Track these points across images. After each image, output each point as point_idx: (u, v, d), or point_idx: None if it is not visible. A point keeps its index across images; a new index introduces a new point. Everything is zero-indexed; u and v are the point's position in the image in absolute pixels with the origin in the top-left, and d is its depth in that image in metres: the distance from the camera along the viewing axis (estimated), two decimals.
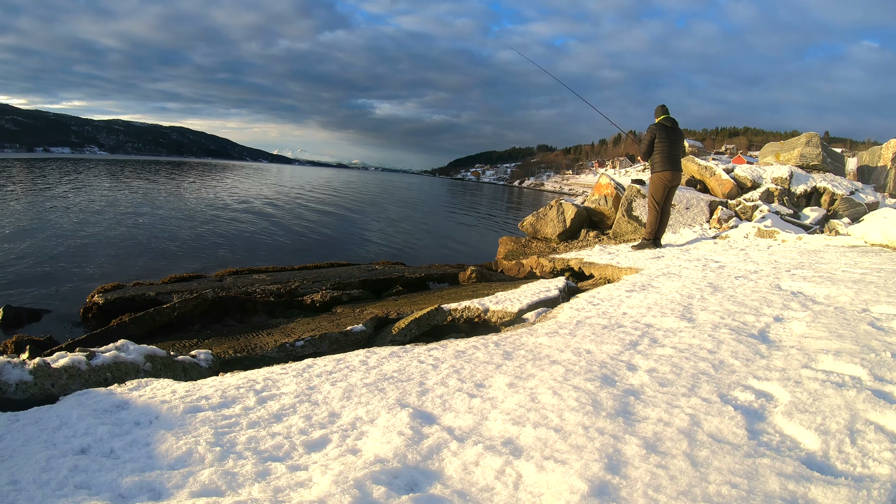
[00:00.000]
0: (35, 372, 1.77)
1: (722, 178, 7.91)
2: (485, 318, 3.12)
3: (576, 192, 55.01)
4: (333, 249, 8.75)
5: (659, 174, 5.53)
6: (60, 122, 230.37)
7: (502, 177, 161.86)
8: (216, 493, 1.12)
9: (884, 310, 2.49)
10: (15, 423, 1.49)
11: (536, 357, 2.02)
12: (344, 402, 1.64)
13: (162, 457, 1.29)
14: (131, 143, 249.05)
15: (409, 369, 1.94)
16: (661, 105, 5.67)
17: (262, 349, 2.71)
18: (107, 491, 1.14)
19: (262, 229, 10.30)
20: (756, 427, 1.38)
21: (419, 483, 1.18)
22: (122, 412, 1.56)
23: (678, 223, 6.73)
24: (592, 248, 5.98)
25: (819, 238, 5.72)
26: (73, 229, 8.45)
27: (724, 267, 4.06)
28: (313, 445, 1.36)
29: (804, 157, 8.52)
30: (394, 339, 2.80)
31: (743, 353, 1.96)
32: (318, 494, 1.09)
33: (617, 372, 1.82)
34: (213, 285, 4.31)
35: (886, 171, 9.41)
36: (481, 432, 1.41)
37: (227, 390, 1.73)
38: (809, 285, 3.15)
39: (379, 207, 18.90)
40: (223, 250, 7.78)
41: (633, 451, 1.26)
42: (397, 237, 11.14)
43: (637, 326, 2.42)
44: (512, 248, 6.85)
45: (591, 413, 1.47)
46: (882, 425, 1.33)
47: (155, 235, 8.54)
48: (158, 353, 2.14)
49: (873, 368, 1.70)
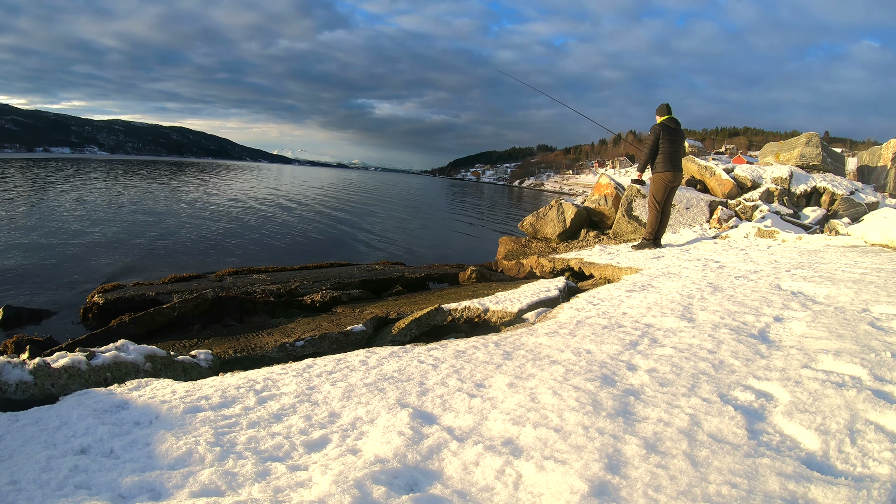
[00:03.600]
0: (35, 372, 1.77)
1: (722, 178, 7.91)
2: (485, 318, 3.12)
3: (576, 192, 55.03)
4: (333, 249, 8.74)
5: (660, 174, 5.53)
6: (60, 122, 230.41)
7: (502, 177, 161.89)
8: (216, 493, 1.12)
9: (884, 310, 2.49)
10: (15, 423, 1.49)
11: (536, 357, 2.02)
12: (344, 402, 1.64)
13: (162, 457, 1.29)
14: (131, 143, 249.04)
15: (409, 369, 1.94)
16: (665, 104, 5.57)
17: (262, 349, 2.70)
18: (107, 491, 1.14)
19: (262, 229, 10.30)
20: (756, 427, 1.37)
21: (419, 483, 1.18)
22: (122, 412, 1.56)
23: (678, 223, 6.73)
24: (592, 248, 5.98)
25: (819, 238, 5.72)
26: (73, 229, 8.45)
27: (724, 267, 4.06)
28: (313, 445, 1.36)
29: (804, 157, 8.52)
30: (394, 339, 2.80)
31: (743, 352, 1.96)
32: (318, 494, 1.09)
33: (617, 372, 1.82)
34: (213, 285, 4.31)
35: (886, 170, 9.41)
36: (481, 432, 1.41)
37: (227, 390, 1.73)
38: (809, 285, 3.15)
39: (379, 207, 18.90)
40: (223, 250, 7.78)
41: (633, 451, 1.26)
42: (397, 237, 11.14)
43: (637, 326, 2.42)
44: (512, 248, 6.85)
45: (591, 413, 1.47)
46: (882, 425, 1.33)
47: (155, 235, 8.54)
48: (158, 353, 2.14)
49: (873, 368, 1.70)
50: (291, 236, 9.82)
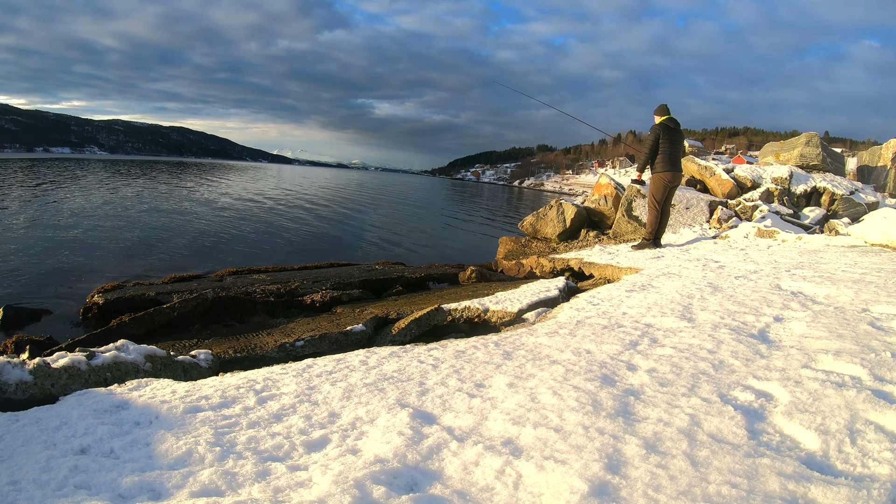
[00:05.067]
0: (35, 372, 1.77)
1: (722, 178, 7.91)
2: (485, 318, 3.12)
3: (576, 192, 55.00)
4: (333, 249, 8.75)
5: (660, 174, 5.53)
6: (60, 122, 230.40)
7: (502, 177, 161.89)
8: (216, 493, 1.12)
9: (884, 310, 2.49)
10: (15, 423, 1.48)
11: (536, 357, 2.02)
12: (344, 402, 1.64)
13: (162, 457, 1.29)
14: (131, 144, 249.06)
15: (409, 369, 1.94)
16: (663, 105, 5.63)
17: (262, 349, 2.70)
18: (107, 491, 1.14)
19: (262, 229, 10.30)
20: (756, 427, 1.37)
21: (419, 483, 1.18)
22: (122, 412, 1.56)
23: (678, 223, 6.73)
24: (592, 248, 5.98)
25: (819, 238, 5.72)
26: (73, 229, 8.45)
27: (724, 267, 4.06)
28: (313, 445, 1.36)
29: (804, 156, 8.53)
30: (394, 339, 2.80)
31: (743, 352, 1.96)
32: (318, 494, 1.09)
33: (617, 372, 1.82)
34: (213, 285, 4.31)
35: (886, 170, 9.41)
36: (481, 432, 1.41)
37: (227, 390, 1.73)
38: (809, 285, 3.15)
39: (379, 207, 18.90)
40: (223, 250, 7.78)
41: (633, 451, 1.26)
42: (397, 237, 11.14)
43: (637, 326, 2.42)
44: (512, 248, 6.85)
45: (591, 413, 1.47)
46: (882, 425, 1.33)
47: (155, 235, 8.54)
48: (158, 353, 2.14)
49: (873, 368, 1.70)
50: (291, 236, 9.83)
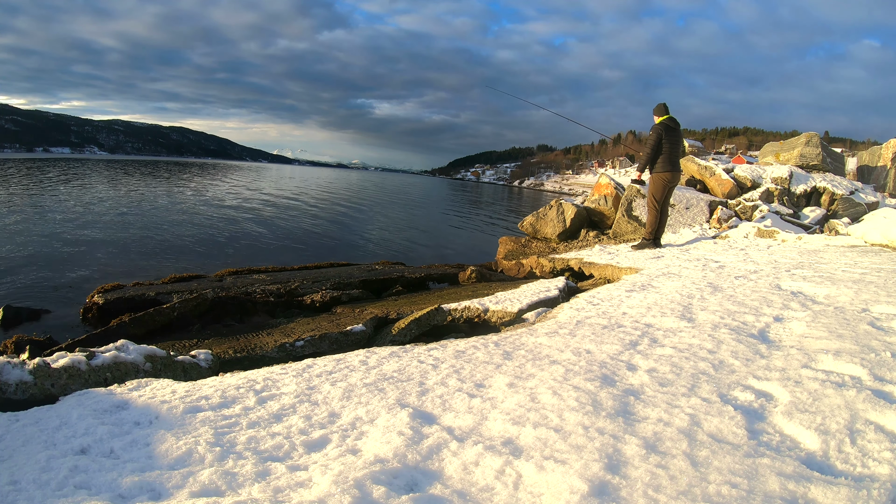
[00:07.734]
0: (35, 372, 1.77)
1: (722, 177, 7.91)
2: (485, 318, 3.12)
3: (576, 192, 55.00)
4: (333, 249, 8.75)
5: (660, 174, 5.53)
6: (60, 122, 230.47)
7: (502, 177, 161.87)
8: (216, 493, 1.12)
9: (884, 310, 2.49)
10: (15, 424, 1.48)
11: (536, 357, 2.02)
12: (344, 402, 1.64)
13: (162, 457, 1.29)
14: (131, 144, 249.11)
15: (408, 369, 1.94)
16: (662, 104, 5.57)
17: (262, 349, 2.70)
18: (107, 491, 1.14)
19: (262, 229, 10.30)
20: (756, 427, 1.37)
21: (419, 483, 1.18)
22: (122, 412, 1.56)
23: (678, 223, 6.73)
24: (592, 248, 5.98)
25: (819, 238, 5.72)
26: (74, 229, 8.45)
27: (724, 267, 4.06)
28: (313, 445, 1.36)
29: (804, 156, 8.53)
30: (394, 339, 2.80)
31: (743, 352, 1.96)
32: (318, 494, 1.09)
33: (617, 372, 1.82)
34: (213, 285, 4.31)
35: (886, 170, 9.41)
36: (481, 432, 1.41)
37: (226, 390, 1.73)
38: (809, 285, 3.15)
39: (379, 207, 18.90)
40: (223, 250, 7.79)
41: (633, 450, 1.26)
42: (397, 237, 11.14)
43: (637, 326, 2.42)
44: (512, 248, 6.85)
45: (591, 413, 1.47)
46: (882, 425, 1.33)
47: (155, 236, 8.54)
48: (158, 353, 2.14)
49: (873, 368, 1.70)
50: (291, 236, 9.82)
